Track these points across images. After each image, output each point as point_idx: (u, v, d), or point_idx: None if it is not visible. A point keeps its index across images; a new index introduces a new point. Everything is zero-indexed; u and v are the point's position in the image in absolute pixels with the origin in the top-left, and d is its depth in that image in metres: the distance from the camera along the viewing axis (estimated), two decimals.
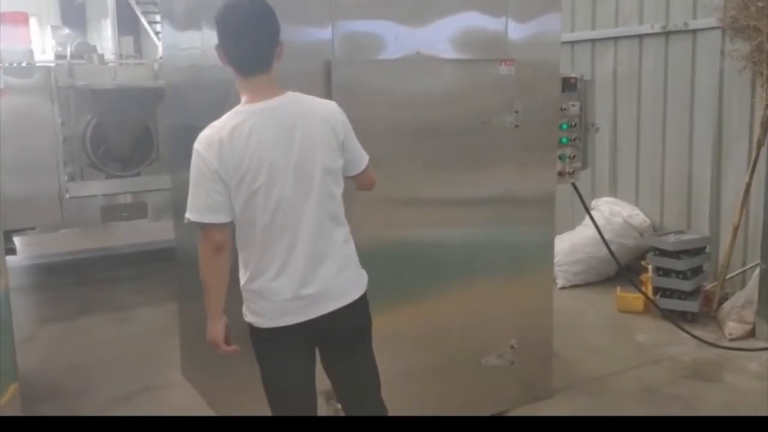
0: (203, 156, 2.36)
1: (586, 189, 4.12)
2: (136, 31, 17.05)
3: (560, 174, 3.94)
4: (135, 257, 7.36)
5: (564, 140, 3.91)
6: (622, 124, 6.30)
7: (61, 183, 6.09)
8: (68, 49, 8.79)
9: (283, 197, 2.39)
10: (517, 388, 3.93)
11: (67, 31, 12.49)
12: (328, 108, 2.53)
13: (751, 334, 4.87)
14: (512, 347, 3.82)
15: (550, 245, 4.01)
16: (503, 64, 3.53)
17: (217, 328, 2.54)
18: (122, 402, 4.17)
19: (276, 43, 2.42)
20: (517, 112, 3.59)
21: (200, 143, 2.39)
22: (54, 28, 13.46)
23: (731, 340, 4.85)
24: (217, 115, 3.48)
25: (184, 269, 4.32)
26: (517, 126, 3.60)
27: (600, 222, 6.26)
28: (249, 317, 2.52)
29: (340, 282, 2.50)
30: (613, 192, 6.46)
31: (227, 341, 2.58)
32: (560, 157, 3.92)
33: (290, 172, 2.38)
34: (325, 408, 3.12)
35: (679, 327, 4.74)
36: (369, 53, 3.28)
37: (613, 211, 6.19)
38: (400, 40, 3.29)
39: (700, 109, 5.69)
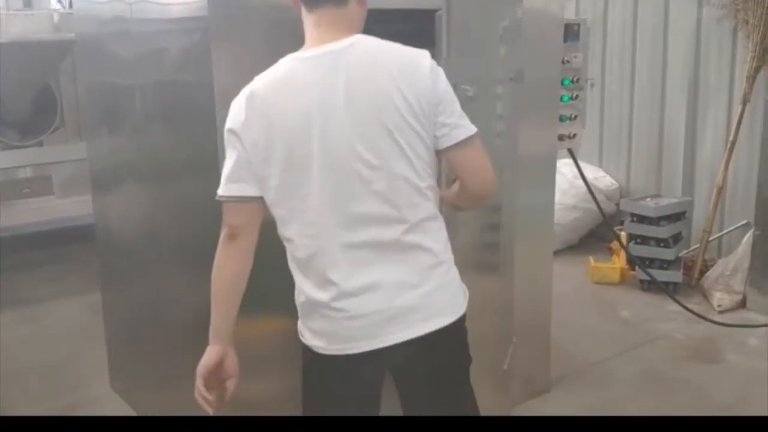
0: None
1: None
2: None
3: (560, 138, 3.40)
4: (42, 238, 6.37)
5: (565, 98, 3.36)
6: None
7: None
8: None
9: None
10: (514, 385, 3.42)
11: None
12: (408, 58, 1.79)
13: (742, 305, 4.55)
14: (513, 342, 3.30)
15: (550, 212, 3.49)
16: None
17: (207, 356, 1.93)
18: None
19: None
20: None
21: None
22: None
23: (720, 312, 4.50)
24: (147, 69, 2.85)
25: (106, 252, 3.60)
26: (512, 79, 3.01)
27: (563, 186, 5.84)
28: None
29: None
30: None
31: (211, 384, 1.90)
32: (560, 119, 3.38)
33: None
34: None
35: (679, 303, 4.32)
36: None
37: (577, 174, 5.73)
38: None
39: (674, 62, 5.27)
